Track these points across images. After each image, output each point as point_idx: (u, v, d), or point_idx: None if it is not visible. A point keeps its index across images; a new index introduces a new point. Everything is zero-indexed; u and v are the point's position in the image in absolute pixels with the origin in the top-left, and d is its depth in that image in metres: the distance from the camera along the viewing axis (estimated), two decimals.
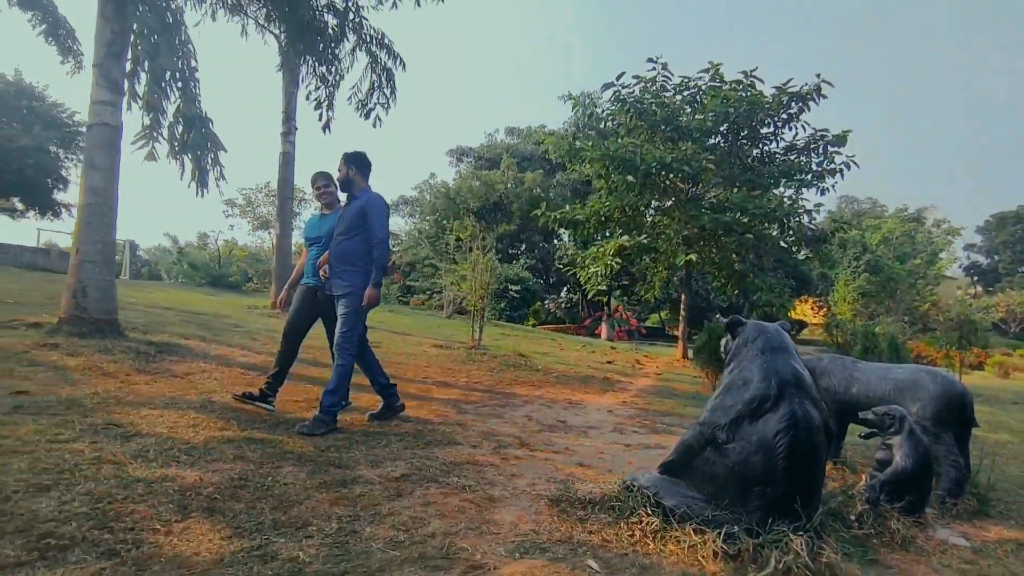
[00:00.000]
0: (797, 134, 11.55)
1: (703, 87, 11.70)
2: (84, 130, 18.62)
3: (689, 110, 11.91)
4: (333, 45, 8.12)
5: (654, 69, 11.66)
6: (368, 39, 9.43)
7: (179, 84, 5.66)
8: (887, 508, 2.58)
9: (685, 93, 11.79)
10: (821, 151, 11.42)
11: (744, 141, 11.66)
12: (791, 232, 11.43)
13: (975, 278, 44.49)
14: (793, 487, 2.18)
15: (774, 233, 11.43)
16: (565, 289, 30.05)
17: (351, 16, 8.13)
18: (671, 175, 10.74)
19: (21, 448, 2.53)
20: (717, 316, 25.04)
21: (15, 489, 2.13)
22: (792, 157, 11.75)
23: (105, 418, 3.13)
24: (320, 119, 8.92)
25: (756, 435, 2.23)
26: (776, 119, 11.24)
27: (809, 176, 11.34)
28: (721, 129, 11.57)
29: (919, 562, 2.33)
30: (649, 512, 2.34)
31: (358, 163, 3.81)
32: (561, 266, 24.02)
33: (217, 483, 2.42)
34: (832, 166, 11.04)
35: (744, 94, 11.16)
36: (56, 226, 20.87)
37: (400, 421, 3.94)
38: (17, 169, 15.11)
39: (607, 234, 13.13)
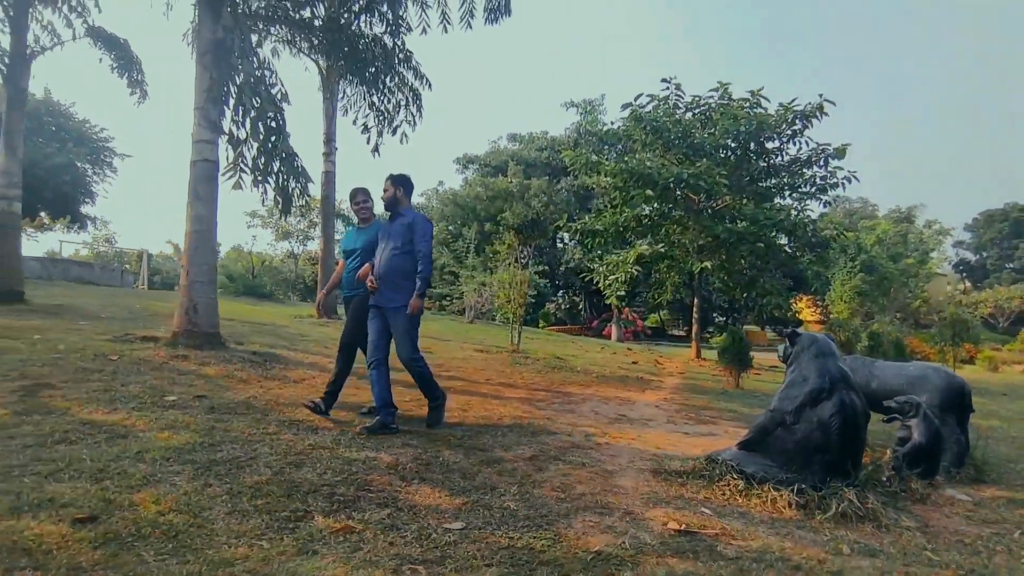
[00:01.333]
0: (801, 148, 12.44)
1: (713, 105, 12.56)
2: (111, 145, 19.43)
3: (699, 126, 12.76)
4: (383, 77, 8.89)
5: (667, 88, 12.54)
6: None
7: (271, 123, 6.41)
8: (908, 473, 3.41)
9: (696, 111, 12.65)
10: (823, 163, 12.30)
11: (752, 155, 12.54)
12: (796, 239, 12.33)
13: (964, 274, 45.79)
14: (844, 454, 3.00)
15: (782, 241, 12.32)
16: (571, 292, 30.92)
17: (398, 54, 8.91)
18: (686, 189, 11.60)
19: (254, 439, 3.30)
20: (728, 321, 25.97)
21: (281, 466, 2.90)
22: (795, 169, 12.64)
23: (282, 416, 3.90)
24: (368, 142, 9.70)
25: (816, 417, 3.05)
26: (781, 135, 12.12)
27: (812, 189, 12.24)
28: (730, 144, 12.43)
29: (934, 511, 3.16)
30: (734, 477, 3.15)
31: (404, 184, 4.21)
32: (567, 269, 24.87)
33: (407, 462, 3.20)
34: (834, 180, 11.94)
35: (751, 111, 12.04)
36: (81, 238, 21.55)
37: (500, 417, 4.72)
38: (54, 185, 15.78)
39: (615, 241, 13.87)
